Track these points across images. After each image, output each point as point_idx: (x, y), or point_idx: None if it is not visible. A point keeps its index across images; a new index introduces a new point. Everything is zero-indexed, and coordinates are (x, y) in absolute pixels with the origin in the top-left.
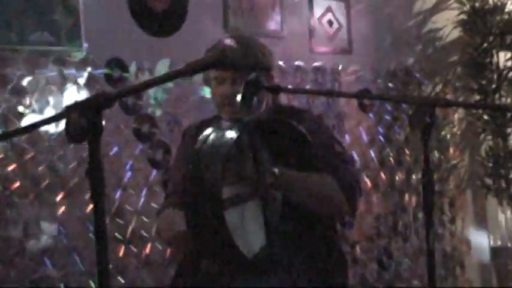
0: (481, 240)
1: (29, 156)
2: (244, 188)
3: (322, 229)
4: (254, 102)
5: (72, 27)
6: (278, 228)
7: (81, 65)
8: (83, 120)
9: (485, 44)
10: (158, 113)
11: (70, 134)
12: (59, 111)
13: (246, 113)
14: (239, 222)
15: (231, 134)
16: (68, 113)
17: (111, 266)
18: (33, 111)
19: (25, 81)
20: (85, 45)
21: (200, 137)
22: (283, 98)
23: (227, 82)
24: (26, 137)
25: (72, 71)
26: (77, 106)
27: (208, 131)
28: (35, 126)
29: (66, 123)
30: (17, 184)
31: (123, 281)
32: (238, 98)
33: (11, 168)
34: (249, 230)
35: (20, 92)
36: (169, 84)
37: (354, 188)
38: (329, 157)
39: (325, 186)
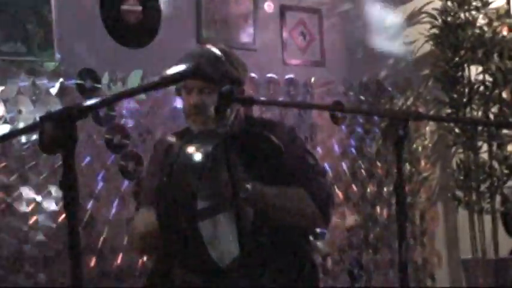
0: (451, 252)
1: (1, 165)
2: (218, 200)
3: (294, 240)
4: (227, 114)
5: (44, 38)
6: (251, 239)
7: (53, 75)
8: (56, 131)
9: (457, 58)
10: (130, 123)
11: (44, 145)
12: (30, 121)
13: (218, 125)
14: (212, 232)
15: (205, 147)
16: (42, 124)
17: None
18: (5, 121)
19: None
20: (57, 55)
21: (174, 148)
22: (256, 110)
23: (194, 91)
24: None
25: (45, 81)
26: (51, 117)
27: (182, 143)
28: (9, 136)
29: (40, 134)
30: None
31: None
32: (212, 110)
33: None
34: (222, 240)
35: None
36: (142, 95)
37: (327, 200)
38: (302, 169)
39: (297, 201)
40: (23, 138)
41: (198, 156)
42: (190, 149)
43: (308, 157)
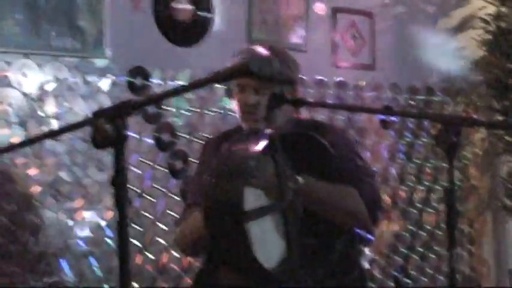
0: (499, 262)
1: (50, 161)
2: (266, 200)
3: (342, 244)
4: (277, 114)
5: (96, 35)
6: (298, 242)
7: (104, 72)
8: (108, 127)
9: (510, 65)
10: (179, 122)
11: (96, 141)
12: (80, 117)
13: (268, 125)
14: (259, 234)
15: (253, 147)
16: (94, 119)
17: None
18: (56, 117)
19: (49, 87)
20: (108, 52)
21: (222, 148)
22: (305, 112)
23: (249, 90)
24: (48, 142)
25: (95, 78)
26: (103, 113)
27: (230, 142)
28: (62, 131)
29: (93, 130)
30: (38, 188)
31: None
32: (262, 110)
33: (32, 172)
34: (269, 242)
35: (43, 98)
36: (191, 94)
37: (376, 203)
38: (351, 171)
39: (349, 198)
40: (72, 135)
41: (245, 157)
42: (239, 148)
43: (358, 159)
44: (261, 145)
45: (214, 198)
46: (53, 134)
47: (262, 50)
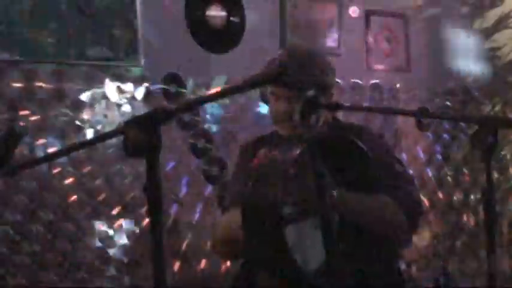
0: None
1: (86, 169)
2: (304, 205)
3: (381, 249)
4: (312, 119)
5: (130, 43)
6: (337, 246)
7: (139, 80)
8: (141, 136)
9: None
10: (214, 128)
11: (128, 149)
12: (115, 126)
13: (304, 131)
14: (298, 238)
15: (291, 152)
16: (126, 128)
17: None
18: (91, 126)
19: (83, 96)
20: (143, 60)
21: (259, 154)
22: (340, 114)
23: (283, 99)
24: (83, 150)
25: (130, 86)
26: (135, 121)
27: (267, 148)
28: (95, 141)
29: (125, 139)
30: (74, 197)
31: None
32: (297, 116)
33: (68, 181)
34: (307, 246)
35: (78, 107)
36: (226, 100)
37: (415, 209)
38: (389, 176)
39: (384, 209)
40: (108, 143)
41: (284, 162)
42: (276, 154)
43: (396, 164)
44: (299, 150)
45: (252, 202)
46: (87, 144)
47: (294, 56)
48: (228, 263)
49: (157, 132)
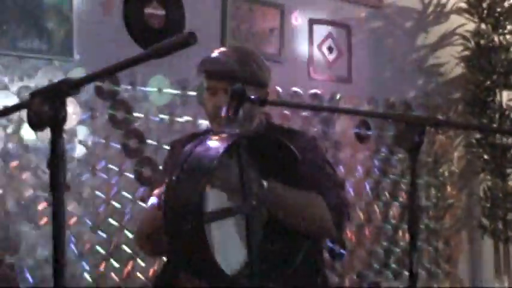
0: (474, 281)
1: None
2: (228, 202)
3: (306, 252)
4: (240, 115)
5: (64, 37)
6: (260, 247)
7: (72, 76)
8: (45, 107)
9: (489, 82)
10: (148, 128)
11: (32, 122)
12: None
13: (233, 126)
14: (221, 238)
15: (217, 147)
16: (30, 99)
17: (90, 279)
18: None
19: (14, 88)
20: (77, 56)
21: (186, 148)
22: (279, 122)
23: (220, 93)
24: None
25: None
26: (39, 92)
27: (195, 143)
28: (1, 113)
29: (28, 110)
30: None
31: None
32: (224, 109)
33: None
34: (230, 246)
35: (9, 99)
36: (163, 101)
37: (342, 211)
38: (319, 178)
39: (314, 205)
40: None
41: (209, 157)
42: (202, 149)
43: (326, 166)
44: (225, 146)
45: (174, 198)
46: None
47: (231, 50)
48: (156, 267)
49: (62, 104)
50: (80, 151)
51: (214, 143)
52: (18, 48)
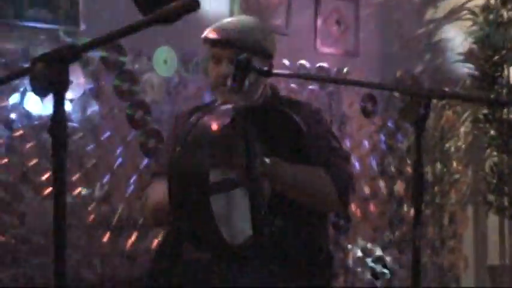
0: (479, 258)
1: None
2: (233, 174)
3: (311, 226)
4: (245, 85)
5: (70, 7)
6: (265, 219)
7: None
8: (48, 72)
9: (497, 58)
10: (152, 99)
11: (35, 87)
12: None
13: (238, 96)
14: (225, 209)
15: (222, 119)
16: (33, 65)
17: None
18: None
19: (18, 57)
20: (82, 25)
21: (191, 119)
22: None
23: (224, 61)
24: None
25: None
26: (42, 58)
27: (199, 114)
28: (4, 80)
29: (31, 76)
30: None
31: (102, 269)
32: (229, 79)
33: None
34: (234, 218)
35: (12, 68)
36: (168, 72)
37: (347, 184)
38: (324, 150)
39: (317, 180)
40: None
41: (213, 128)
42: (207, 121)
43: (331, 139)
44: (230, 117)
45: (179, 168)
46: None
47: (240, 20)
48: (160, 238)
49: (65, 70)
50: (85, 121)
51: (219, 114)
52: (24, 18)
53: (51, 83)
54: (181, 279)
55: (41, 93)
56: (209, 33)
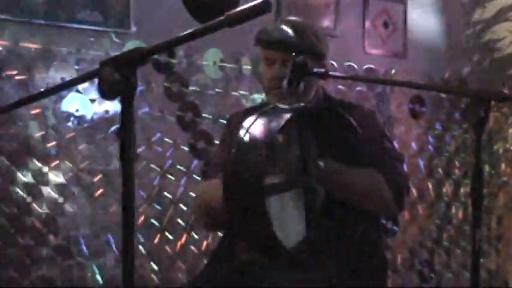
0: None
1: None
2: (287, 177)
3: (365, 229)
4: (301, 88)
5: (121, 9)
6: (319, 221)
7: (129, 48)
8: (116, 76)
9: None
10: (203, 102)
11: (103, 91)
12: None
13: (292, 98)
14: (279, 211)
15: (277, 121)
16: (101, 68)
17: (144, 251)
18: (77, 90)
19: (71, 59)
20: (133, 28)
21: (245, 122)
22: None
23: (277, 63)
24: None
25: (118, 53)
26: (111, 61)
27: (254, 117)
28: (70, 84)
29: (99, 79)
30: None
31: (155, 268)
32: (285, 82)
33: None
34: (289, 220)
35: (64, 70)
36: (218, 73)
37: (402, 186)
38: (378, 152)
39: (372, 183)
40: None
41: (269, 130)
42: (262, 123)
43: (385, 141)
44: (285, 119)
45: (234, 170)
46: (65, 86)
47: (292, 22)
48: (210, 239)
49: (134, 73)
50: (135, 124)
51: (275, 116)
52: (75, 20)
53: (119, 86)
54: (235, 280)
55: (109, 96)
56: (262, 35)
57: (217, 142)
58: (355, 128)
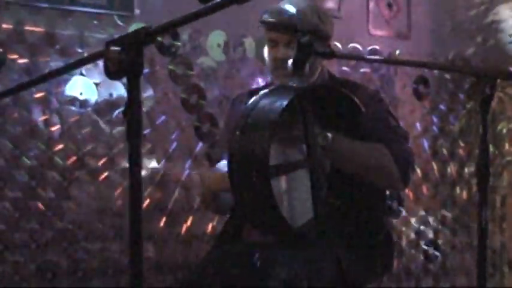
0: None
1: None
2: (293, 156)
3: (371, 207)
4: (306, 68)
5: None
6: (325, 201)
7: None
8: (122, 56)
9: None
10: (207, 84)
11: (109, 71)
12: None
13: (297, 78)
14: (286, 191)
15: (281, 100)
16: (107, 48)
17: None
18: (81, 74)
19: (74, 43)
20: (137, 10)
21: (249, 102)
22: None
23: (281, 45)
24: None
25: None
26: (117, 41)
27: (258, 97)
28: (76, 65)
29: (106, 59)
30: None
31: (159, 251)
32: (290, 61)
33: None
34: (295, 200)
35: (68, 54)
36: (221, 56)
37: (407, 162)
38: (383, 129)
39: (379, 156)
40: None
41: (272, 110)
42: (265, 103)
43: (390, 119)
44: (289, 99)
45: (239, 151)
46: (69, 67)
47: (295, 3)
48: (215, 222)
49: (140, 53)
50: None
51: (278, 96)
52: (79, 3)
53: (126, 66)
54: (242, 262)
55: (116, 76)
56: (266, 17)
57: (222, 124)
58: (359, 106)
